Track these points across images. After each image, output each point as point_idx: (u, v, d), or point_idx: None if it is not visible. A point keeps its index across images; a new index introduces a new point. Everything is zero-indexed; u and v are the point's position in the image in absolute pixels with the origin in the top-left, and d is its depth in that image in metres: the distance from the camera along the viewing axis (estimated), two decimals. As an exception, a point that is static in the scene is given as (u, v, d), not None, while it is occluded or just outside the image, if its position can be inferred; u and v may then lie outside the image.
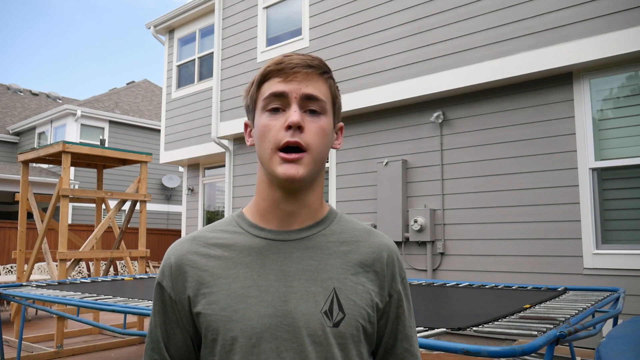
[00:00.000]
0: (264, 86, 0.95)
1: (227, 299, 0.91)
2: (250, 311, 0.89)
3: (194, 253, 0.96)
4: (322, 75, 0.96)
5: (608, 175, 5.01)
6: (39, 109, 20.37)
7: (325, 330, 0.89)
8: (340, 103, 1.02)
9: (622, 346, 2.40)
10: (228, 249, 0.96)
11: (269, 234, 0.97)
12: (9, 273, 10.27)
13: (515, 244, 5.39)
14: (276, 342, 0.88)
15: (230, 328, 0.89)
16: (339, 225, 1.02)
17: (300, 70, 0.93)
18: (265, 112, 0.94)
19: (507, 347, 1.89)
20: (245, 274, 0.93)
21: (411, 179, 6.28)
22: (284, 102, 0.93)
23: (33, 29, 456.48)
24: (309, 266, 0.94)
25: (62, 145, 6.31)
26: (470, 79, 5.69)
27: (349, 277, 0.95)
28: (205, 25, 10.11)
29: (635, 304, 4.58)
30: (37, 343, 6.10)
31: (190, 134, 9.96)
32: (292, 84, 0.92)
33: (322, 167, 0.97)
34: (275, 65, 0.94)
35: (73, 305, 3.63)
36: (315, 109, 0.93)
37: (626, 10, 4.76)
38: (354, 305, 0.92)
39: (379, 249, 1.00)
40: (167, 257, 0.99)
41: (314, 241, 0.97)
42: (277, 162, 0.91)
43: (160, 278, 0.98)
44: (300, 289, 0.91)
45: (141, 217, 7.06)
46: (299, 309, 0.90)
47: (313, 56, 0.97)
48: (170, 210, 17.74)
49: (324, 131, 0.94)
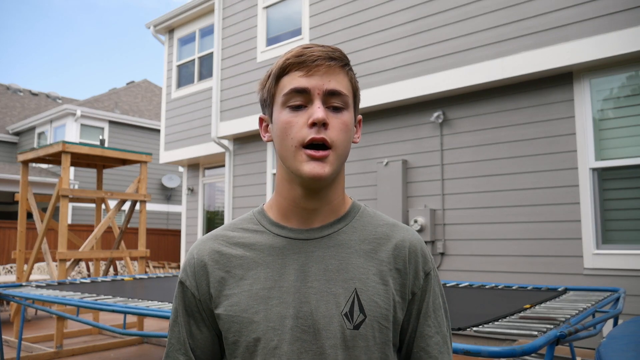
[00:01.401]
0: (283, 80, 0.91)
1: (248, 300, 0.90)
2: (272, 313, 0.88)
3: (216, 252, 0.95)
4: (344, 67, 0.93)
5: (608, 175, 5.01)
6: (39, 109, 20.37)
7: (344, 332, 0.88)
8: (359, 95, 0.99)
9: (622, 346, 2.40)
10: (250, 248, 0.95)
11: (290, 232, 0.95)
12: (9, 273, 10.26)
13: (515, 244, 5.38)
14: (297, 343, 0.87)
15: (252, 329, 0.88)
16: (361, 222, 0.99)
17: (322, 64, 0.89)
18: (286, 108, 0.90)
19: (507, 347, 1.89)
20: (267, 275, 0.92)
21: (411, 179, 6.27)
22: (306, 99, 0.89)
23: (33, 29, 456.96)
24: (330, 266, 0.92)
25: (61, 145, 6.31)
26: (470, 79, 5.68)
27: (370, 277, 0.92)
28: (205, 25, 10.11)
29: (636, 304, 4.58)
30: (36, 343, 6.09)
31: (190, 134, 9.95)
32: (314, 78, 0.89)
33: (344, 164, 0.95)
34: (295, 57, 0.90)
35: (73, 305, 3.63)
36: (338, 105, 0.90)
37: (627, 10, 4.76)
38: (375, 306, 0.90)
39: (401, 245, 0.97)
40: (189, 256, 0.98)
41: (335, 240, 0.95)
42: (302, 159, 0.88)
43: (184, 277, 0.97)
44: (321, 290, 0.90)
45: (141, 217, 7.05)
46: (319, 310, 0.88)
47: (333, 47, 0.93)
48: (170, 210, 17.74)
49: (347, 127, 0.91)
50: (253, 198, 8.15)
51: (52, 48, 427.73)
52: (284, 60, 0.91)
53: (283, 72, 0.91)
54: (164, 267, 13.20)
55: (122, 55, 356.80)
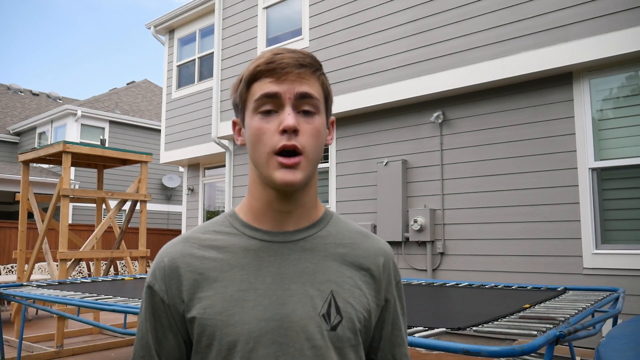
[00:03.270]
0: (254, 86, 0.91)
1: (223, 302, 0.88)
2: (248, 315, 0.87)
3: (188, 255, 0.93)
4: (315, 73, 0.93)
5: (608, 175, 5.02)
6: (39, 109, 20.37)
7: (323, 333, 0.88)
8: (332, 98, 0.99)
9: (621, 346, 2.41)
10: (223, 250, 0.93)
11: (265, 235, 0.95)
12: (10, 273, 10.27)
13: (515, 244, 5.39)
14: (274, 346, 0.86)
15: (227, 332, 0.87)
16: (335, 227, 1.00)
17: (292, 70, 0.89)
18: (258, 114, 0.90)
19: (507, 347, 1.90)
20: (242, 277, 0.90)
21: (411, 179, 6.28)
22: (276, 104, 0.89)
23: (33, 29, 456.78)
24: (306, 269, 0.92)
25: (62, 145, 6.32)
26: (470, 79, 5.69)
27: (345, 280, 0.93)
28: (205, 25, 10.11)
29: (635, 304, 4.58)
30: (37, 343, 6.10)
31: (190, 134, 9.96)
32: (284, 84, 0.89)
33: (316, 168, 0.95)
34: (265, 64, 0.90)
35: (73, 305, 3.64)
36: (309, 110, 0.90)
37: (626, 10, 4.77)
38: (351, 308, 0.91)
39: (375, 253, 0.99)
40: (159, 259, 0.95)
41: (310, 243, 0.95)
42: (274, 166, 0.88)
43: (152, 281, 0.94)
44: (297, 292, 0.90)
45: (141, 217, 7.06)
46: (296, 312, 0.88)
47: (304, 52, 0.93)
48: (171, 210, 17.74)
49: (318, 132, 0.91)
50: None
51: (53, 48, 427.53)
52: (255, 67, 0.91)
53: (254, 78, 0.92)
54: (165, 267, 13.19)
55: (123, 55, 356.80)
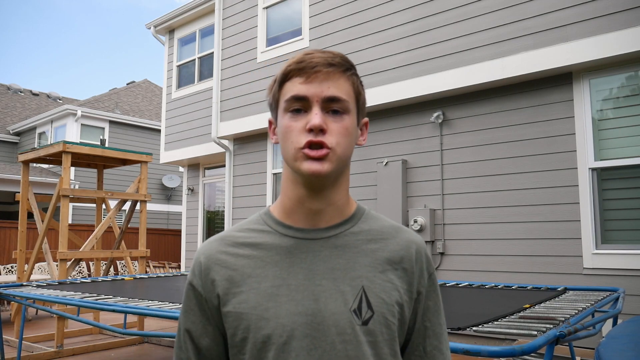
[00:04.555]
0: (286, 86, 0.95)
1: (257, 297, 0.92)
2: (282, 309, 0.91)
3: (223, 252, 0.98)
4: (345, 72, 0.95)
5: (608, 175, 5.02)
6: (39, 109, 20.37)
7: (354, 328, 0.91)
8: (364, 98, 1.01)
9: (621, 346, 2.41)
10: (257, 248, 0.97)
11: (297, 232, 0.97)
12: (9, 273, 10.27)
13: (515, 244, 5.39)
14: (306, 340, 0.89)
15: (262, 326, 0.90)
16: (366, 223, 1.02)
17: (321, 70, 0.92)
18: (288, 113, 0.94)
19: (507, 347, 1.90)
20: (275, 273, 0.94)
21: (411, 179, 6.28)
22: (305, 105, 0.92)
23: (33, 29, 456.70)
24: (337, 265, 0.95)
25: (62, 145, 6.32)
26: (470, 79, 5.69)
27: (377, 275, 0.95)
28: (205, 26, 10.11)
29: (635, 304, 4.58)
30: (37, 343, 6.10)
31: (190, 134, 9.96)
32: (313, 85, 0.91)
33: (346, 165, 0.97)
34: (296, 64, 0.93)
35: (73, 305, 3.64)
36: (337, 109, 0.93)
37: (626, 10, 4.77)
38: (382, 303, 0.93)
39: (407, 246, 1.00)
40: (197, 257, 1.01)
41: (342, 240, 0.98)
42: (301, 159, 0.91)
43: (191, 277, 1.00)
44: (329, 288, 0.93)
45: (141, 217, 7.06)
46: (328, 307, 0.91)
47: (335, 53, 0.95)
48: (171, 210, 17.74)
49: (347, 130, 0.93)
50: (253, 198, 8.16)
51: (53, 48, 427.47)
52: (286, 67, 0.95)
53: (285, 78, 0.95)
54: (165, 267, 13.20)
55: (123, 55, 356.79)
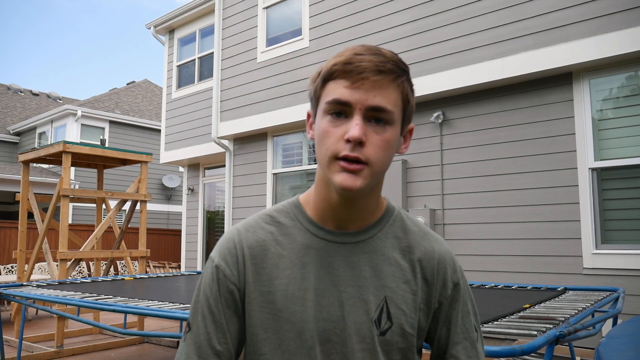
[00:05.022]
0: (329, 85, 0.89)
1: (284, 300, 0.92)
2: (307, 314, 0.91)
3: (257, 246, 0.95)
4: (395, 80, 0.89)
5: (608, 175, 5.01)
6: (40, 109, 20.37)
7: (373, 338, 0.92)
8: (413, 105, 0.95)
9: (621, 346, 2.41)
10: (286, 246, 0.95)
11: (327, 234, 0.96)
12: (10, 273, 10.27)
13: (515, 244, 5.39)
14: (327, 345, 0.91)
15: (287, 329, 0.91)
16: (394, 228, 1.00)
17: (368, 77, 0.85)
18: (327, 116, 0.88)
19: (507, 347, 1.90)
20: (303, 275, 0.93)
21: (411, 179, 6.28)
22: (347, 110, 0.86)
23: (33, 29, 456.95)
24: (363, 272, 0.94)
25: (62, 145, 6.32)
26: (470, 79, 5.69)
27: (400, 286, 0.95)
28: (205, 25, 10.11)
29: (635, 304, 4.58)
30: (37, 343, 6.10)
31: (190, 134, 9.96)
32: (358, 92, 0.85)
33: (382, 176, 0.93)
34: (343, 65, 0.87)
35: (73, 305, 3.64)
36: (381, 119, 0.87)
37: (626, 10, 4.77)
38: (402, 314, 0.94)
39: (431, 257, 0.99)
40: (230, 242, 0.96)
41: (369, 245, 0.96)
42: (335, 170, 0.86)
43: (220, 263, 0.95)
44: (353, 295, 0.93)
45: (141, 217, 7.06)
46: (351, 315, 0.92)
47: (387, 55, 0.89)
48: (171, 210, 17.74)
49: (387, 143, 0.88)
50: (253, 198, 8.16)
51: (53, 48, 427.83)
52: (332, 65, 0.89)
53: (330, 77, 0.89)
54: (165, 267, 13.21)
55: (123, 55, 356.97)
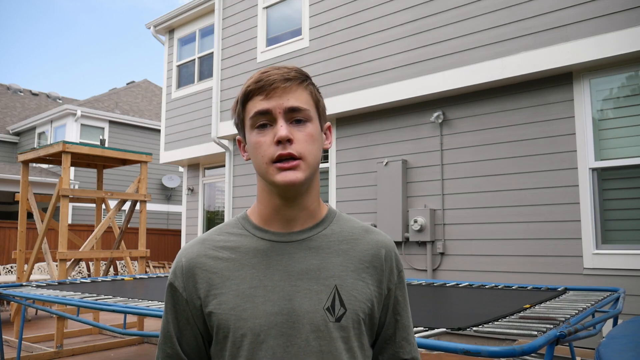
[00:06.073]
0: (248, 105, 1.00)
1: (236, 299, 0.97)
2: (258, 310, 0.96)
3: (204, 256, 1.03)
4: (302, 84, 1.00)
5: (608, 175, 5.01)
6: (39, 109, 20.37)
7: (327, 325, 0.96)
8: (323, 105, 1.06)
9: (622, 346, 2.41)
10: (235, 251, 1.02)
11: (273, 236, 1.03)
12: (9, 273, 10.27)
13: (515, 244, 5.39)
14: (282, 338, 0.95)
15: (240, 326, 0.96)
16: (338, 225, 1.08)
17: (279, 85, 0.97)
18: (255, 130, 0.98)
19: (507, 347, 1.89)
20: (252, 275, 0.99)
21: (411, 179, 6.28)
22: (269, 118, 0.97)
23: (33, 29, 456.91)
24: (311, 266, 1.00)
25: (62, 145, 6.31)
26: (470, 79, 5.69)
27: (349, 274, 1.01)
28: (205, 25, 10.11)
29: (635, 304, 4.58)
30: (37, 343, 6.10)
31: (190, 134, 9.96)
32: (273, 100, 0.96)
33: (317, 170, 1.02)
34: (254, 84, 0.98)
35: (73, 305, 3.63)
36: (300, 118, 0.98)
37: (626, 10, 4.76)
38: (354, 300, 0.99)
39: (377, 246, 1.07)
40: (178, 259, 1.05)
41: (315, 241, 1.03)
42: (274, 172, 0.96)
43: (173, 279, 1.04)
44: (303, 288, 0.98)
45: (141, 217, 7.06)
46: (302, 306, 0.96)
47: (289, 67, 1.01)
48: (170, 210, 17.74)
49: (312, 137, 0.98)
50: (253, 198, 8.16)
51: (53, 48, 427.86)
52: (246, 87, 1.00)
53: (247, 98, 1.00)
54: (164, 267, 13.20)
55: (122, 55, 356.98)
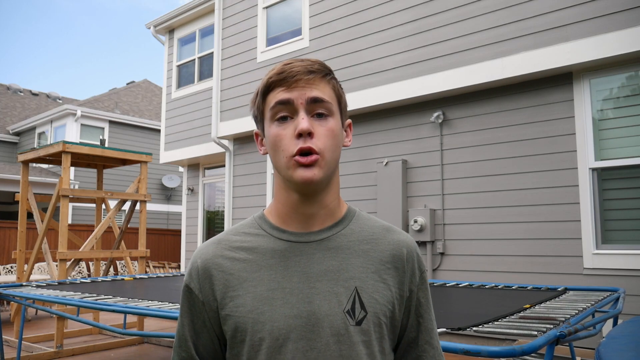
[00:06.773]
0: (269, 96, 0.97)
1: (253, 301, 0.94)
2: (276, 313, 0.93)
3: (220, 257, 1.00)
4: (325, 77, 0.97)
5: (608, 175, 5.01)
6: (39, 109, 20.37)
7: (348, 328, 0.93)
8: (345, 101, 1.04)
9: (622, 346, 2.41)
10: (252, 251, 0.99)
11: (291, 236, 0.99)
12: (9, 273, 10.27)
13: (515, 244, 5.39)
14: (302, 342, 0.92)
15: (258, 330, 0.93)
16: (357, 224, 1.04)
17: (301, 77, 0.94)
18: (275, 122, 0.96)
19: (507, 347, 1.89)
20: (270, 277, 0.96)
21: (411, 179, 6.28)
22: (291, 110, 0.94)
23: (33, 29, 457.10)
24: (330, 267, 0.97)
25: (62, 145, 6.31)
26: (470, 79, 5.69)
27: (370, 276, 0.97)
28: (205, 25, 10.11)
29: (635, 304, 4.58)
30: (37, 343, 6.10)
31: (190, 134, 9.96)
32: (295, 90, 0.94)
33: (336, 167, 0.99)
34: (276, 75, 0.96)
35: (73, 305, 3.63)
36: (322, 112, 0.95)
37: (626, 10, 4.76)
38: (375, 303, 0.95)
39: (398, 246, 1.02)
40: (193, 260, 1.02)
41: (334, 242, 0.99)
42: (293, 167, 0.93)
43: (188, 280, 1.01)
44: (323, 290, 0.94)
45: (141, 217, 7.06)
46: (322, 309, 0.93)
47: (313, 60, 0.99)
48: (170, 210, 17.74)
49: (333, 132, 0.96)
50: (253, 198, 8.16)
51: (53, 48, 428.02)
52: (268, 79, 0.98)
53: (268, 90, 0.97)
54: (164, 267, 13.20)
55: (122, 55, 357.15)
